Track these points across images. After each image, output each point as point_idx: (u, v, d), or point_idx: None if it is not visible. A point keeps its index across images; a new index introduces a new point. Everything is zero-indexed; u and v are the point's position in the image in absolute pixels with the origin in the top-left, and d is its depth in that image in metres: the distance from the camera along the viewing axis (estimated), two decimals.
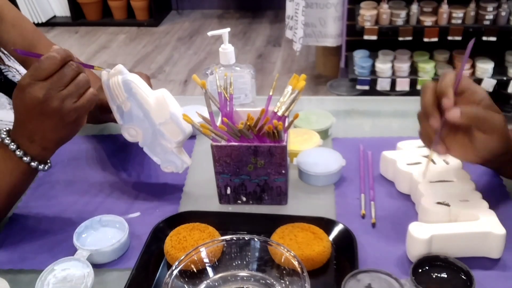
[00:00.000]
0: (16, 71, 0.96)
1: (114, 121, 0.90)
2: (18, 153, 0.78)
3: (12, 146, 0.78)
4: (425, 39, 2.59)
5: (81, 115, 0.79)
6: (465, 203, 0.77)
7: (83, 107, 0.77)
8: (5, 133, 0.79)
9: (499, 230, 0.72)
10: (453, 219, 0.76)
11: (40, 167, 0.80)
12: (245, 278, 0.73)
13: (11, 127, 0.85)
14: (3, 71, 0.93)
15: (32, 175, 0.82)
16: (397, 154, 0.91)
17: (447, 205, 0.77)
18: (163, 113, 0.85)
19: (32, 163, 0.79)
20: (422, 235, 0.72)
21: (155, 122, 0.85)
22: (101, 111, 0.93)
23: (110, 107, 0.88)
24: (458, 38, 2.56)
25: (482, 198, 0.78)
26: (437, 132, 0.72)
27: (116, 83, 0.84)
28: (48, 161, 0.83)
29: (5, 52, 0.98)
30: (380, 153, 0.93)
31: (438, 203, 0.77)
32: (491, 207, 0.77)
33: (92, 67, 0.82)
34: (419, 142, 0.92)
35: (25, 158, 0.78)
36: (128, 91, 0.84)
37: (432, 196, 0.79)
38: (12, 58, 0.99)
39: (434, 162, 0.82)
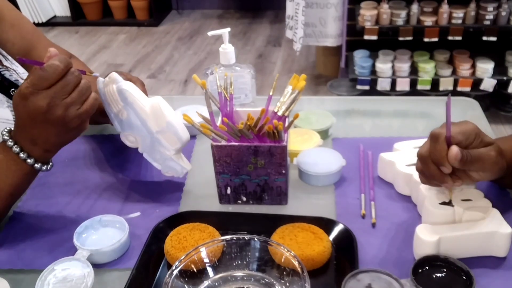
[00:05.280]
0: (14, 71, 0.96)
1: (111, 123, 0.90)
2: (22, 155, 0.78)
3: (16, 149, 0.78)
4: (425, 39, 2.59)
5: (84, 120, 0.79)
6: (469, 202, 0.77)
7: (86, 113, 0.78)
8: (7, 134, 0.79)
9: (506, 228, 0.72)
10: (458, 219, 0.76)
11: (43, 167, 0.81)
12: (245, 278, 0.73)
13: (9, 125, 0.85)
14: (0, 71, 0.93)
15: (34, 176, 0.83)
16: (395, 156, 0.91)
17: (451, 205, 0.76)
18: (160, 121, 0.85)
19: (36, 165, 0.80)
20: (430, 238, 0.72)
21: (152, 131, 0.85)
22: (100, 114, 0.93)
23: (107, 114, 0.88)
24: (459, 38, 2.56)
25: (484, 197, 0.78)
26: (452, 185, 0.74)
27: (112, 92, 0.85)
28: (50, 161, 0.83)
29: (3, 52, 0.98)
30: (380, 153, 0.93)
31: (442, 203, 0.77)
32: (493, 205, 0.77)
33: (84, 72, 0.82)
34: (416, 143, 0.92)
35: (28, 160, 0.79)
36: (124, 100, 0.84)
37: (434, 196, 0.78)
38: (9, 58, 0.99)
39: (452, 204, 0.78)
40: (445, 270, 0.70)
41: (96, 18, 4.33)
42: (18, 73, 0.97)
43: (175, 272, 0.69)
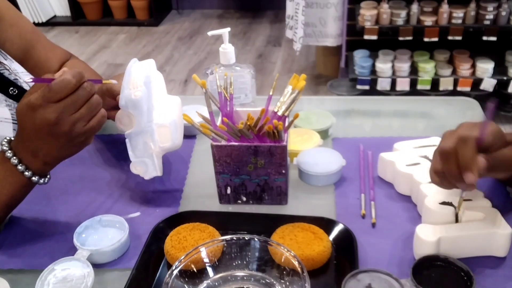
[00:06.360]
0: (11, 70, 0.96)
1: (114, 119, 0.89)
2: (20, 167, 0.77)
3: (14, 160, 0.77)
4: (425, 39, 2.59)
5: (89, 137, 0.78)
6: (468, 202, 0.77)
7: (92, 130, 0.77)
8: (6, 145, 0.78)
9: (506, 229, 0.73)
10: (458, 219, 0.76)
11: (41, 181, 0.80)
12: (245, 278, 0.73)
13: (7, 125, 0.84)
14: None
15: (31, 188, 0.81)
16: (395, 156, 0.91)
17: (452, 205, 0.76)
18: (166, 116, 0.85)
19: (33, 178, 0.78)
20: (430, 237, 0.72)
21: (153, 120, 0.85)
22: (109, 108, 0.92)
23: (121, 87, 0.86)
24: (459, 38, 2.56)
25: (484, 197, 0.78)
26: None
27: (140, 70, 0.85)
28: (47, 174, 0.82)
29: (2, 51, 0.98)
30: (380, 153, 0.93)
31: (442, 203, 0.77)
32: (493, 205, 0.77)
33: (101, 81, 0.81)
34: (416, 143, 0.92)
35: (26, 173, 0.77)
36: (146, 83, 0.84)
37: (435, 196, 0.78)
38: (9, 57, 0.99)
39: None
40: (445, 270, 0.70)
41: (96, 18, 4.33)
42: (17, 72, 0.97)
43: (175, 272, 0.69)
